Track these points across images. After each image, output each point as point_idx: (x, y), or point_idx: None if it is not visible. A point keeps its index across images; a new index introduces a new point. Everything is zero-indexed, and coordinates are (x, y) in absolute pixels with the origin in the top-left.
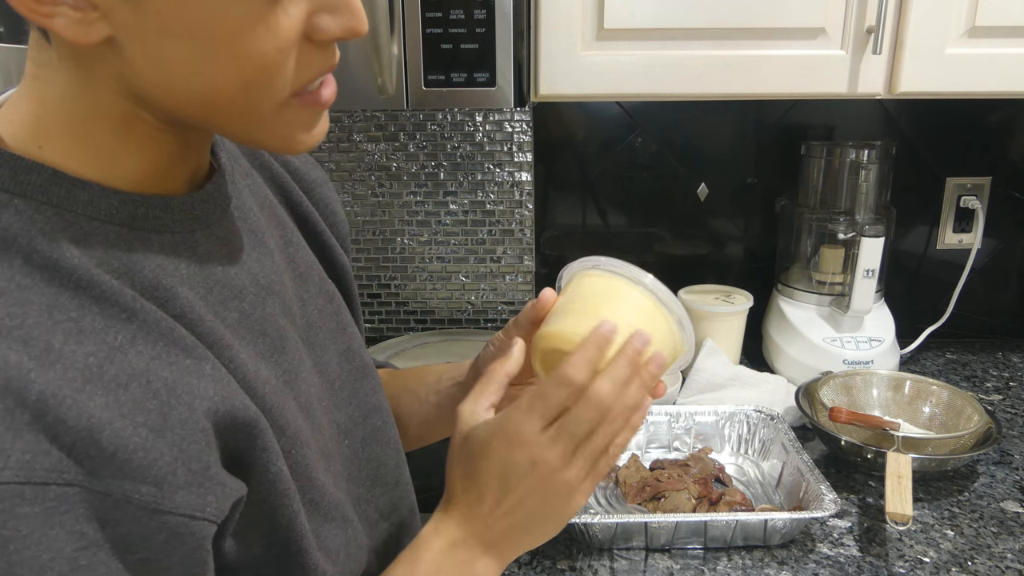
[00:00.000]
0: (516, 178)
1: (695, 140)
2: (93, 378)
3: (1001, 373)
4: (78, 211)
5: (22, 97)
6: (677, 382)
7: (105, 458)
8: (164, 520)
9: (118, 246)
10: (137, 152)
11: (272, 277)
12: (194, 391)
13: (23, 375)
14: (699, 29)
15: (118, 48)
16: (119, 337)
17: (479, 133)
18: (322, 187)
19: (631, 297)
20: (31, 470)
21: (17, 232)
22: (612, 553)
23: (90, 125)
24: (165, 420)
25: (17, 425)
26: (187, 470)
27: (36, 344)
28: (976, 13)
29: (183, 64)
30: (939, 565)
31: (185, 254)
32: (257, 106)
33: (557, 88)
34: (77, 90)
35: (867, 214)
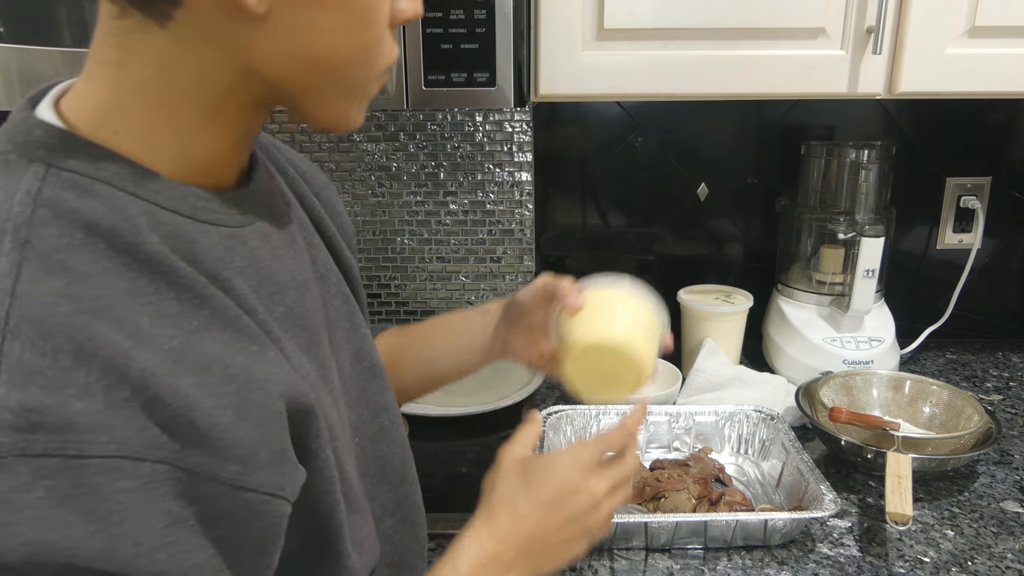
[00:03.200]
0: (516, 178)
1: (695, 140)
2: (180, 360)
3: (1001, 373)
4: (150, 199)
5: (95, 83)
6: (677, 382)
7: (197, 436)
8: (246, 497)
9: (185, 235)
10: (215, 134)
11: (305, 275)
12: (266, 376)
13: (124, 352)
14: (699, 29)
15: (268, 19)
16: (193, 322)
17: (479, 133)
18: (327, 190)
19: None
20: (130, 445)
21: (100, 217)
22: (612, 553)
23: (177, 107)
24: (246, 403)
25: (118, 401)
26: (268, 450)
27: (128, 324)
28: (976, 13)
29: (326, 32)
30: (939, 565)
31: (238, 248)
32: (362, 76)
33: (557, 88)
34: (181, 70)
35: (867, 214)
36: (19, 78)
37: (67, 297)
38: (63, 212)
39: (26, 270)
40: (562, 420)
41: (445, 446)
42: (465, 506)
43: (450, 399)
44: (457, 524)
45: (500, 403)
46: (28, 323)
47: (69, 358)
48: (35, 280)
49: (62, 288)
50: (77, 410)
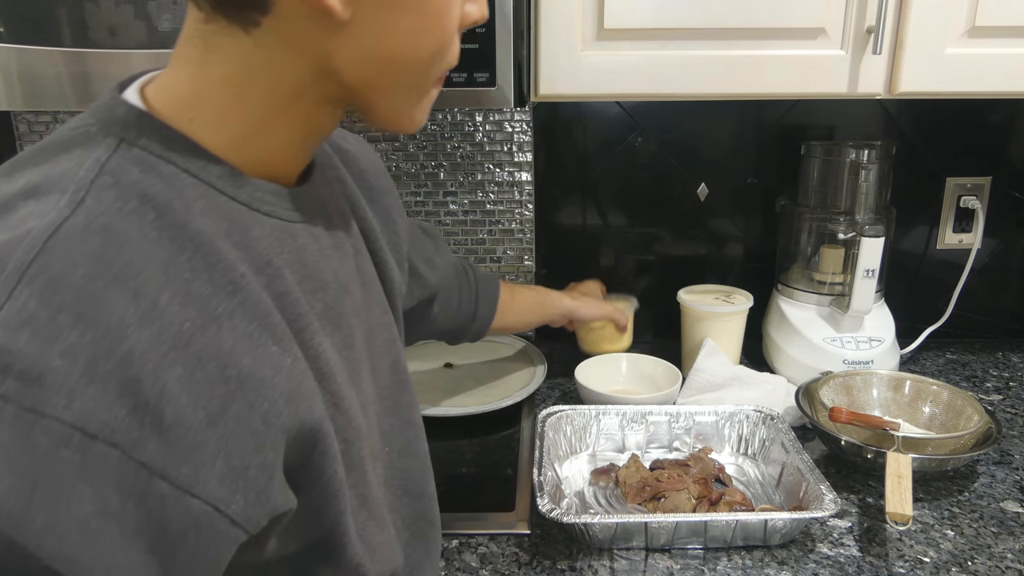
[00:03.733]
0: (516, 178)
1: (695, 140)
2: (180, 346)
3: (1001, 373)
4: (211, 184)
5: (179, 76)
6: (677, 382)
7: (161, 428)
8: (189, 504)
9: (240, 222)
10: (284, 131)
11: (348, 278)
12: (263, 388)
13: (124, 327)
14: (699, 29)
15: (350, 24)
16: (220, 308)
17: (479, 133)
18: (388, 196)
19: None
20: (88, 419)
21: (158, 192)
22: (612, 553)
23: (252, 104)
24: (224, 410)
25: (96, 372)
26: (226, 464)
27: (144, 298)
28: (976, 13)
29: (405, 35)
30: (939, 565)
31: (288, 241)
32: (430, 76)
33: (557, 88)
34: (261, 70)
35: (867, 214)
36: (19, 78)
37: (94, 259)
38: (124, 182)
39: (67, 226)
40: (562, 420)
41: (445, 446)
42: (465, 506)
43: (450, 399)
44: (457, 524)
45: (500, 403)
46: (46, 275)
47: (70, 316)
48: (70, 236)
49: (94, 249)
50: (53, 367)
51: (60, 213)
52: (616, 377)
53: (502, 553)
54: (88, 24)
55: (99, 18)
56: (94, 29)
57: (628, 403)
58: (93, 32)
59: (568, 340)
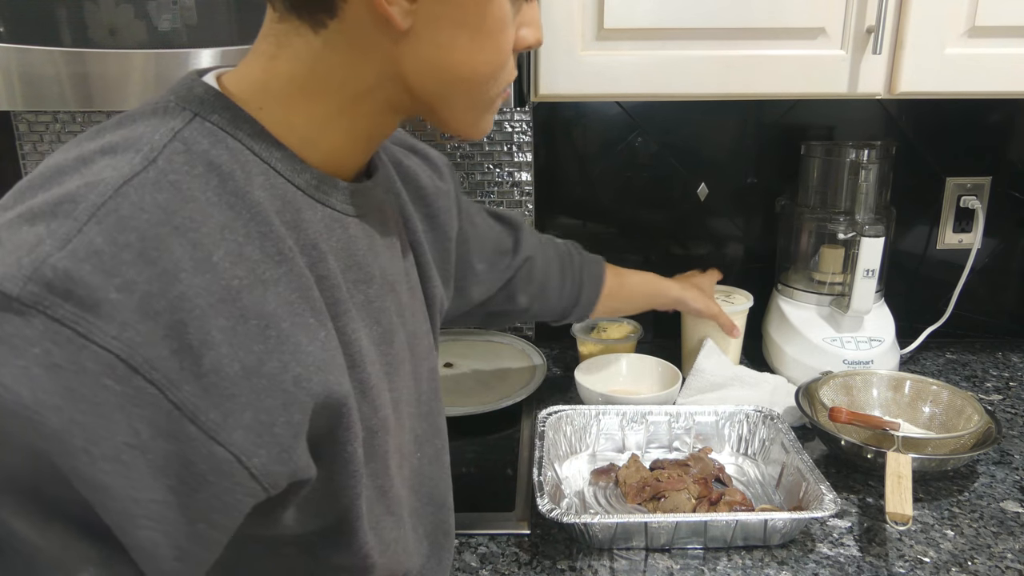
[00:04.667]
0: (516, 178)
1: (695, 140)
2: (228, 300)
3: (1001, 373)
4: (272, 164)
5: (252, 68)
6: (677, 382)
7: (198, 373)
8: (213, 450)
9: (293, 203)
10: (344, 128)
11: (395, 277)
12: (298, 352)
13: (176, 271)
14: (699, 29)
15: (411, 34)
16: (267, 273)
17: None
18: (444, 214)
19: None
20: (134, 352)
21: (223, 161)
22: (612, 553)
23: (317, 100)
24: (260, 366)
25: (147, 309)
26: (254, 416)
27: (201, 249)
28: (976, 13)
29: (462, 51)
30: (939, 565)
31: (337, 231)
32: (489, 91)
33: (557, 88)
34: (328, 70)
35: (867, 214)
36: (19, 78)
37: (161, 209)
38: (195, 149)
39: (140, 178)
40: (562, 420)
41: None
42: (465, 506)
43: (450, 399)
44: (457, 524)
45: (500, 403)
46: (115, 216)
47: (132, 254)
48: (142, 186)
49: (162, 201)
50: (109, 299)
51: (133, 167)
52: (616, 377)
53: (502, 553)
54: (88, 24)
55: (99, 18)
56: (94, 29)
57: (628, 403)
58: (93, 32)
59: (568, 340)
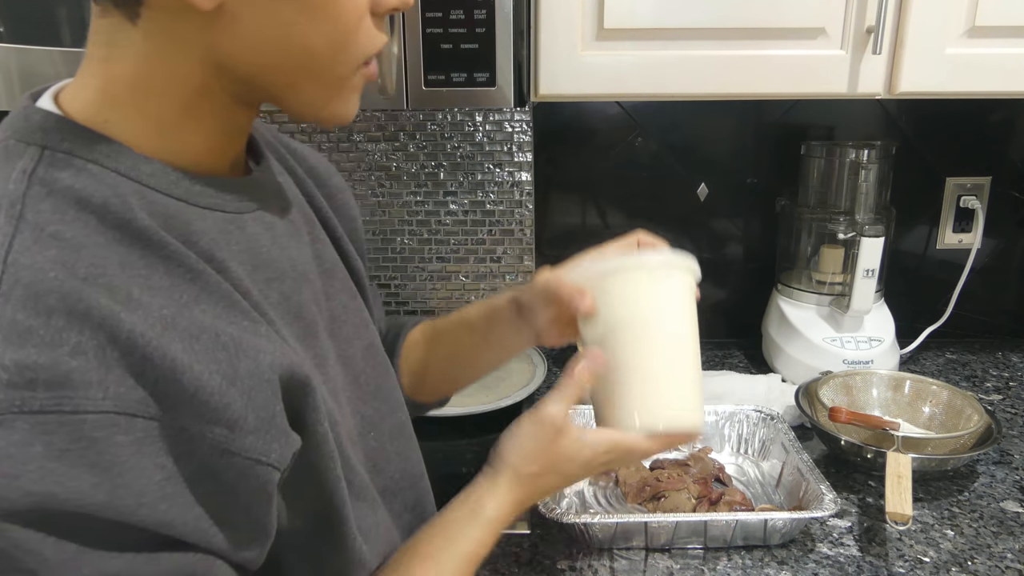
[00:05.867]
0: (516, 178)
1: (695, 140)
2: (169, 327)
3: (1001, 373)
4: (142, 181)
5: (88, 77)
6: None
7: (185, 398)
8: (232, 461)
9: (178, 216)
10: (198, 128)
11: (306, 266)
12: (257, 346)
13: (114, 315)
14: (699, 29)
15: (224, 15)
16: (184, 296)
17: (479, 133)
18: (343, 193)
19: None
20: (124, 402)
21: (92, 193)
22: (612, 553)
23: (159, 100)
24: (235, 370)
25: (109, 361)
26: (256, 417)
27: (119, 291)
28: (976, 13)
29: (288, 25)
30: (939, 565)
31: (235, 233)
32: (336, 70)
33: (557, 88)
34: (156, 65)
35: (867, 214)
36: (19, 78)
37: (60, 264)
38: (57, 189)
39: (19, 241)
40: None
41: (445, 446)
42: None
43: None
44: None
45: (500, 403)
46: (21, 287)
47: (62, 318)
48: (28, 250)
49: (55, 256)
50: (71, 368)
51: (4, 231)
52: None
53: (502, 553)
54: (88, 24)
55: None
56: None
57: None
58: None
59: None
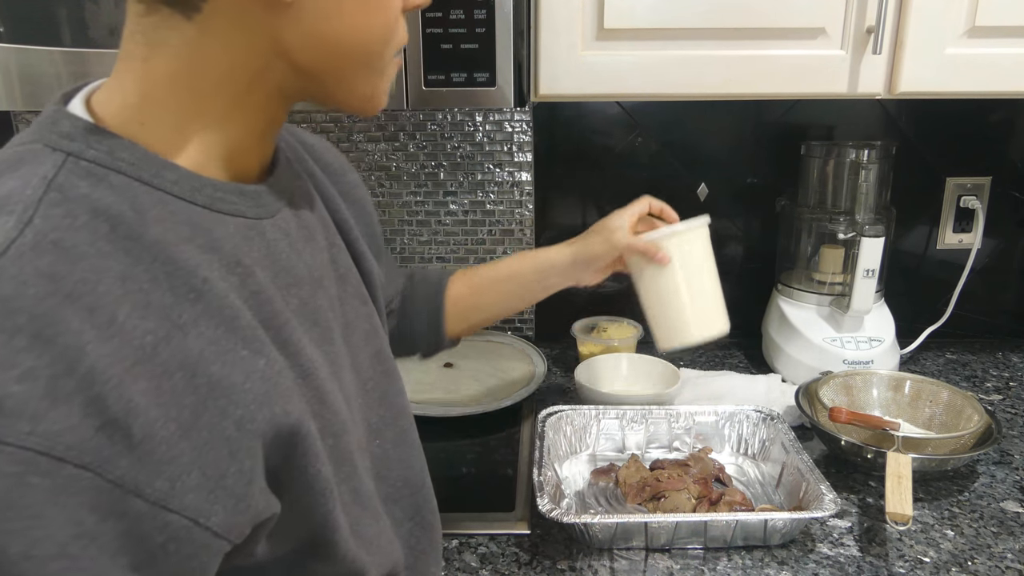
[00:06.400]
0: (516, 178)
1: (695, 140)
2: (144, 360)
3: (1001, 373)
4: (166, 189)
5: (125, 78)
6: (677, 382)
7: (131, 445)
8: (167, 519)
9: (202, 224)
10: (242, 122)
11: (322, 271)
12: (235, 393)
13: (82, 344)
14: (699, 29)
15: (291, 5)
16: (184, 316)
17: (479, 133)
18: (357, 189)
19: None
20: (54, 442)
21: (109, 204)
22: (612, 553)
23: (207, 96)
24: (196, 419)
25: (58, 393)
26: (201, 474)
27: (101, 313)
28: (976, 13)
29: (349, 15)
30: (939, 565)
31: (256, 239)
32: (381, 57)
33: (557, 88)
34: (210, 59)
35: (867, 214)
36: (19, 78)
37: (46, 277)
38: (73, 197)
39: (16, 247)
40: (562, 420)
41: (445, 446)
42: (465, 506)
43: (450, 399)
44: (457, 524)
45: (500, 403)
46: None
47: (25, 339)
48: (20, 257)
49: (45, 267)
50: (11, 392)
51: (7, 234)
52: (616, 377)
53: (502, 553)
54: (88, 24)
55: (99, 18)
56: (94, 29)
57: (628, 403)
58: (93, 32)
59: (568, 340)
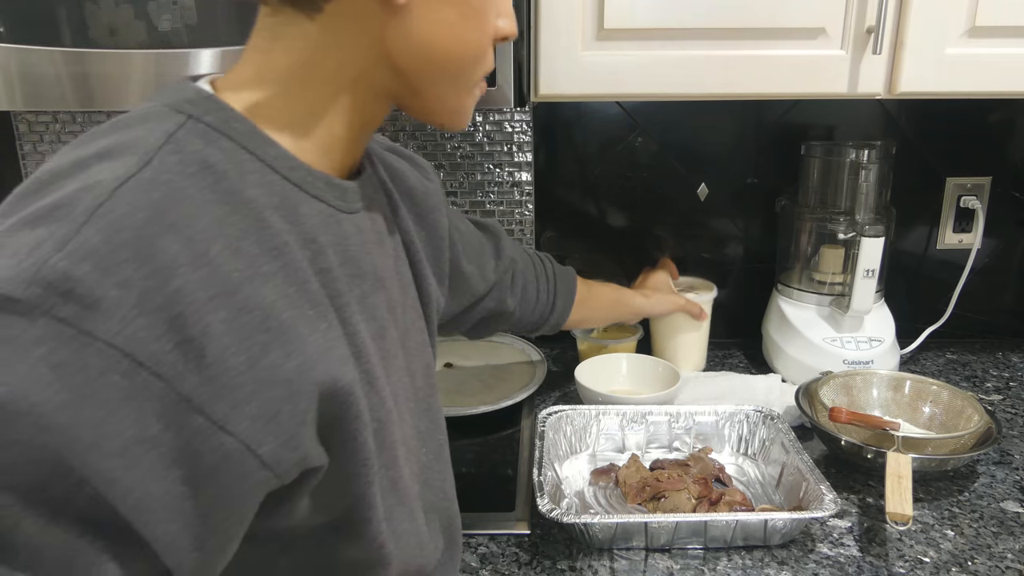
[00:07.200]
0: (516, 178)
1: (695, 140)
2: (227, 292)
3: (1001, 373)
4: (267, 162)
5: (245, 66)
6: (677, 382)
7: (202, 365)
8: (222, 440)
9: (290, 199)
10: (342, 116)
11: (386, 274)
12: (300, 342)
13: (172, 267)
14: (699, 29)
15: (403, 11)
16: (265, 267)
17: (479, 133)
18: (435, 214)
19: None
20: (136, 346)
21: (217, 161)
22: (612, 553)
23: (315, 88)
24: (262, 356)
25: (148, 305)
26: (259, 407)
27: (197, 245)
28: (976, 13)
29: (451, 28)
30: (939, 565)
31: (332, 226)
32: (474, 74)
33: (557, 88)
34: (325, 55)
35: (867, 214)
36: (19, 78)
37: (155, 207)
38: (188, 150)
39: (135, 180)
40: (562, 420)
41: None
42: (466, 506)
43: (450, 399)
44: None
45: (500, 403)
46: (110, 216)
47: (128, 252)
48: (137, 187)
49: (155, 200)
50: (109, 296)
51: (128, 170)
52: (616, 377)
53: (502, 553)
54: (88, 24)
55: (99, 18)
56: (94, 29)
57: (628, 403)
58: (93, 32)
59: (568, 340)
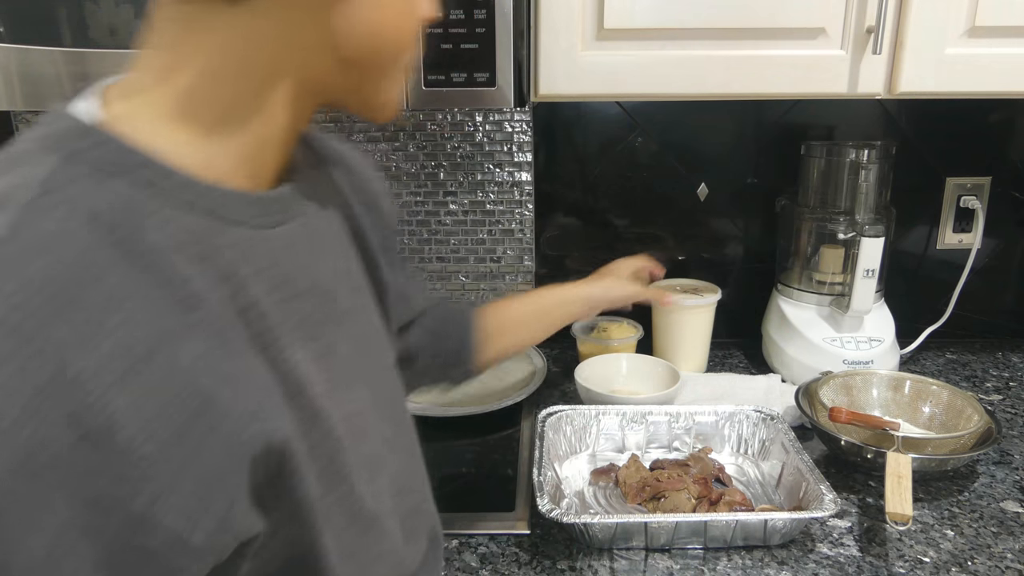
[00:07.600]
0: (516, 178)
1: (695, 140)
2: (129, 372)
3: (1001, 373)
4: (167, 194)
5: (145, 74)
6: (677, 382)
7: (111, 460)
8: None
9: (200, 233)
10: (266, 117)
11: (330, 284)
12: (224, 410)
13: (67, 353)
14: (699, 29)
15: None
16: (176, 327)
17: (479, 133)
18: (381, 199)
19: None
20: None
21: (104, 209)
22: (612, 553)
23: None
24: (180, 437)
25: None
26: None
27: (89, 323)
28: (976, 13)
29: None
30: (939, 565)
31: (259, 249)
32: (403, 59)
33: (557, 88)
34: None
35: (867, 214)
36: (19, 78)
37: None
38: (69, 200)
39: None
40: (562, 420)
41: (445, 446)
42: (465, 506)
43: (450, 399)
44: (457, 524)
45: (500, 403)
46: None
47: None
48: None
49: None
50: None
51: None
52: (616, 377)
53: (502, 553)
54: (88, 24)
55: (99, 18)
56: (94, 29)
57: (628, 403)
58: (93, 32)
59: (568, 340)
